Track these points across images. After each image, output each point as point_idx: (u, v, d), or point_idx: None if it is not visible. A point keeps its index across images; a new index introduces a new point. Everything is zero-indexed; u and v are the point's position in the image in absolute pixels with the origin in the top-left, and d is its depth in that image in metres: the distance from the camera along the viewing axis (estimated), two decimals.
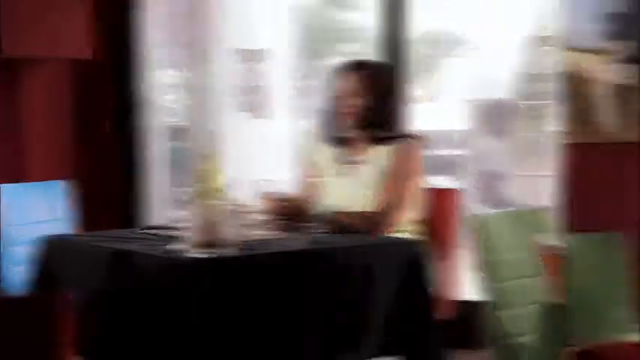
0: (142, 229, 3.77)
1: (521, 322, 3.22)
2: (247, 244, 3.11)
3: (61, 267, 3.43)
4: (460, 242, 3.84)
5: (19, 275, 4.22)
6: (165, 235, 3.37)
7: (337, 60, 4.15)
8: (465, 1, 7.67)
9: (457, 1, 7.75)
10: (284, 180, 4.51)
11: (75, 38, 5.35)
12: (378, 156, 3.76)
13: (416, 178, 3.73)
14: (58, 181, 4.68)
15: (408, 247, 3.40)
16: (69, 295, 2.11)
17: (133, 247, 3.18)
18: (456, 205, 3.90)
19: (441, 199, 3.91)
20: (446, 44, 8.91)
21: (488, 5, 7.33)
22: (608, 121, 4.98)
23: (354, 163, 3.80)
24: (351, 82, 3.79)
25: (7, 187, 4.39)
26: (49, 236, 3.64)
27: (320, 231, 3.40)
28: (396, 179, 3.68)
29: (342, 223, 3.52)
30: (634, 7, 4.80)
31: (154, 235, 3.45)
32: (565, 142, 4.83)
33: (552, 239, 3.43)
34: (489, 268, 3.21)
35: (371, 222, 3.61)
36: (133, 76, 5.79)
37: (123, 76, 5.75)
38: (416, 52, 5.91)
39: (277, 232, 3.43)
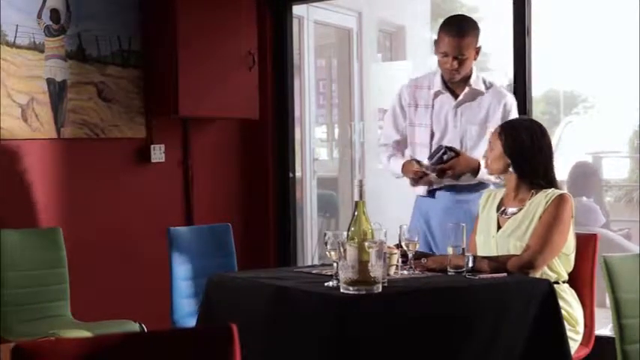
0: (296, 269, 3.75)
1: None
2: (391, 282, 3.09)
3: (224, 301, 3.37)
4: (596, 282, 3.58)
5: (187, 307, 4.24)
6: (317, 273, 3.34)
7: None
8: (583, 62, 7.42)
9: (576, 63, 7.51)
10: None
11: (244, 101, 5.37)
12: (533, 206, 3.48)
13: (564, 229, 3.44)
14: (223, 224, 4.62)
15: (541, 285, 3.19)
16: (235, 328, 1.99)
17: (292, 284, 3.14)
18: (593, 250, 3.63)
19: (579, 244, 3.60)
20: (565, 102, 8.66)
21: (606, 65, 7.07)
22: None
23: (511, 214, 3.54)
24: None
25: (174, 230, 4.36)
26: (214, 273, 3.59)
27: (459, 271, 3.27)
28: (545, 227, 3.41)
29: (484, 268, 3.30)
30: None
31: (308, 273, 3.39)
32: None
33: None
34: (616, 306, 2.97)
35: (516, 265, 3.35)
36: (290, 132, 5.76)
37: (282, 133, 5.72)
38: (536, 110, 5.71)
39: (417, 272, 3.34)
